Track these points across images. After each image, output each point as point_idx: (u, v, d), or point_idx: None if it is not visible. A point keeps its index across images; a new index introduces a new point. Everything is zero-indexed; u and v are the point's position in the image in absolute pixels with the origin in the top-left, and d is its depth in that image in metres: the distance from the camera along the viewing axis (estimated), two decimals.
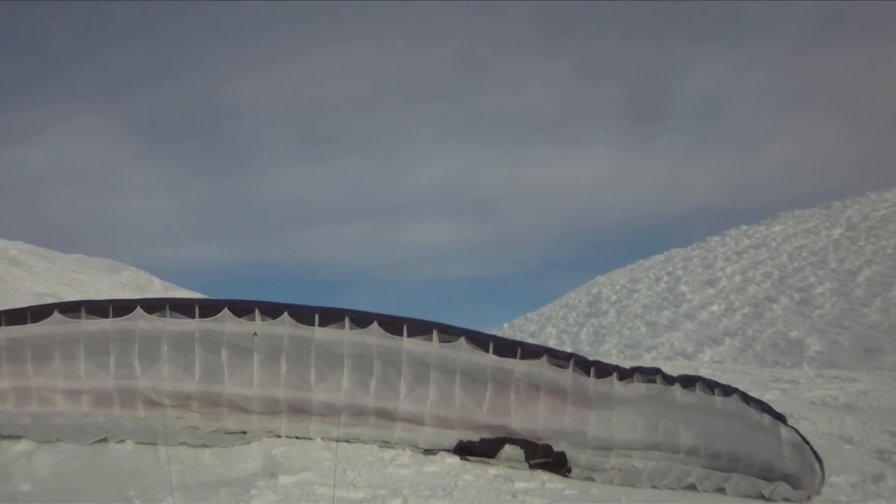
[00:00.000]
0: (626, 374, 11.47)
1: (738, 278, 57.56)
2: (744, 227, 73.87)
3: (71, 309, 11.05)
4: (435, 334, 11.09)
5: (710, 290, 56.72)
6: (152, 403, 10.91)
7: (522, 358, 11.14)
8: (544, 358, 11.18)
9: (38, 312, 10.97)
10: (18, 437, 9.73)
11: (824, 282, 50.32)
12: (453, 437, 11.12)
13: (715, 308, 52.14)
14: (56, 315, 10.89)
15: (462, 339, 11.09)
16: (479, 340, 11.18)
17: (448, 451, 11.02)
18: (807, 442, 11.88)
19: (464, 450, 11.03)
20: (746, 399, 11.90)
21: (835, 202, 71.06)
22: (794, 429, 12.03)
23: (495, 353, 11.12)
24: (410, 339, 11.04)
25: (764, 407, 12.03)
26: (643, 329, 53.38)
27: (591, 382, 11.26)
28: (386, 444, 11.06)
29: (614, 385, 11.34)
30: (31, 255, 39.37)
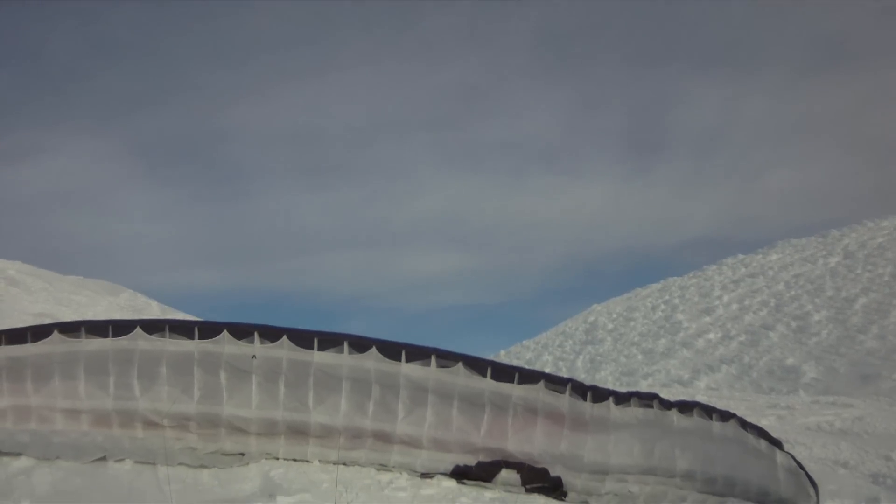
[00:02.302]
0: (623, 399, 11.48)
1: (734, 307, 57.54)
2: (741, 257, 73.93)
3: (71, 329, 11.07)
4: (433, 359, 11.10)
5: (707, 319, 56.69)
6: (151, 424, 10.90)
7: (520, 382, 11.13)
8: (541, 383, 11.18)
9: (39, 332, 11.00)
10: (18, 454, 9.73)
11: (821, 309, 50.31)
12: (450, 460, 11.09)
13: (711, 336, 52.08)
14: (56, 335, 10.91)
15: (460, 364, 11.09)
16: (477, 365, 11.17)
17: (445, 474, 11.01)
18: (802, 467, 12.00)
19: (460, 473, 11.02)
20: (744, 424, 11.96)
21: (832, 231, 71.23)
22: (789, 454, 12.13)
23: (493, 377, 11.11)
24: (409, 364, 11.05)
25: (761, 432, 12.10)
26: (640, 357, 53.29)
27: (587, 407, 11.27)
28: (383, 467, 11.04)
29: (611, 409, 11.35)
30: (30, 276, 39.26)
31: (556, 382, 11.32)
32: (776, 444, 12.14)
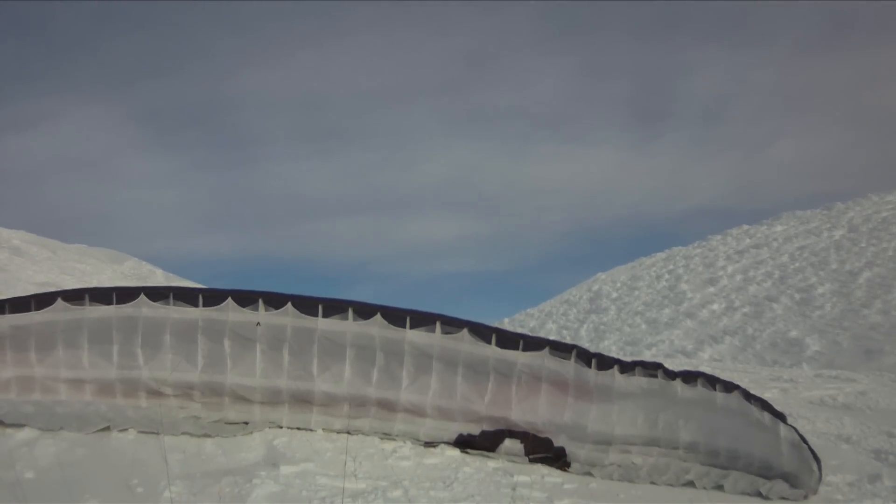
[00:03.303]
0: (627, 368, 11.49)
1: (738, 277, 57.68)
2: (745, 227, 74.02)
3: (74, 296, 11.04)
4: (438, 325, 11.11)
5: (711, 289, 56.85)
6: (155, 393, 10.90)
7: (525, 349, 11.15)
8: (546, 349, 11.20)
9: (42, 300, 10.95)
10: (22, 425, 9.75)
11: (825, 282, 50.44)
12: (454, 429, 11.13)
13: (715, 307, 52.24)
14: (60, 302, 10.87)
15: (465, 331, 11.10)
16: (482, 332, 11.18)
17: (448, 443, 11.03)
18: (805, 441, 11.93)
19: (464, 443, 11.04)
20: (748, 396, 11.93)
21: (836, 203, 71.24)
22: (793, 428, 12.09)
23: (498, 344, 11.12)
24: (413, 331, 11.06)
25: (764, 405, 12.06)
26: (643, 326, 53.51)
27: (592, 374, 11.29)
28: (387, 436, 11.06)
29: (615, 378, 11.37)
30: (34, 245, 39.21)
31: (561, 349, 11.31)
32: (780, 417, 12.09)
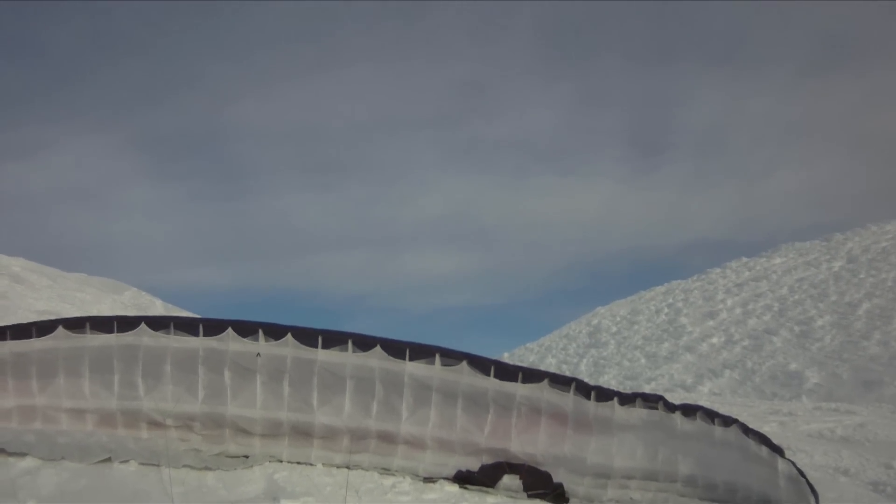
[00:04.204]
0: (628, 399, 11.50)
1: (738, 311, 57.68)
2: (745, 260, 74.06)
3: (75, 324, 11.08)
4: (437, 358, 11.12)
5: (711, 323, 56.84)
6: (156, 424, 10.92)
7: (524, 381, 11.15)
8: (546, 381, 11.20)
9: (43, 327, 10.99)
10: (23, 454, 9.75)
11: (824, 314, 50.43)
12: (453, 464, 11.11)
13: (715, 340, 52.23)
14: (61, 330, 10.91)
15: (464, 363, 11.11)
16: (481, 364, 11.19)
17: (447, 479, 11.00)
18: (803, 475, 11.94)
19: (463, 478, 11.02)
20: (746, 430, 11.95)
21: (836, 234, 71.32)
22: (791, 461, 12.10)
23: (497, 376, 11.13)
24: (413, 363, 11.07)
25: (762, 439, 12.07)
26: (643, 360, 53.45)
27: (591, 406, 11.29)
28: (386, 471, 11.03)
29: (615, 409, 11.37)
30: (34, 273, 39.27)
31: (560, 382, 11.32)
32: (777, 450, 12.09)
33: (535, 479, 11.07)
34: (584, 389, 11.37)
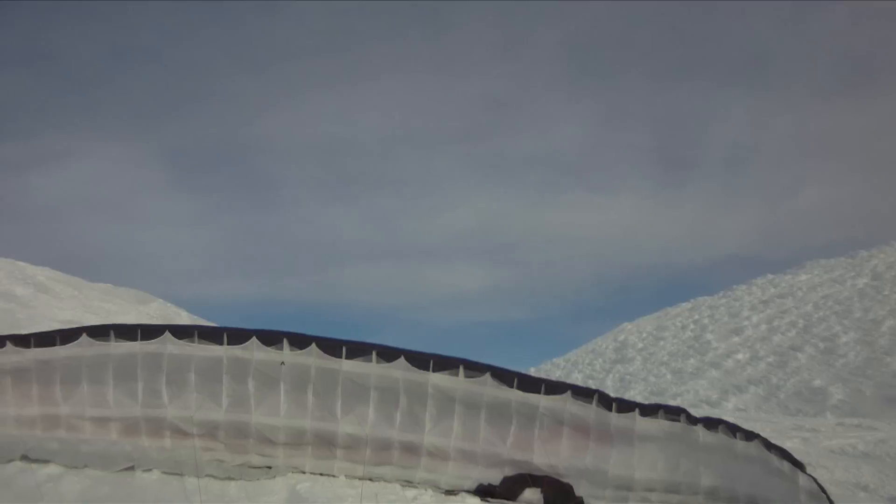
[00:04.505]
0: (649, 411, 11.55)
1: (763, 327, 57.57)
2: (770, 277, 73.78)
3: (99, 332, 11.16)
4: (461, 369, 11.17)
5: (736, 339, 56.77)
6: (180, 432, 10.97)
7: (546, 393, 11.20)
8: (568, 393, 11.26)
9: (67, 335, 11.08)
10: (47, 461, 9.94)
11: (849, 331, 50.27)
12: (475, 477, 11.12)
13: (740, 356, 52.17)
14: (84, 338, 11.00)
15: (488, 375, 11.15)
16: (505, 376, 11.23)
17: (469, 492, 11.03)
18: (824, 491, 12.03)
19: (484, 491, 11.04)
20: (768, 445, 12.00)
21: (860, 251, 70.95)
22: (812, 477, 12.16)
23: (520, 388, 11.19)
24: (437, 374, 11.12)
25: (784, 454, 12.13)
26: (669, 376, 53.51)
27: (613, 417, 11.33)
28: (409, 483, 11.05)
29: (636, 420, 11.41)
30: (59, 283, 39.18)
31: (582, 394, 11.37)
32: (799, 466, 12.15)
33: (556, 492, 11.11)
34: (606, 401, 11.41)
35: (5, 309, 24.87)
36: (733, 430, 11.93)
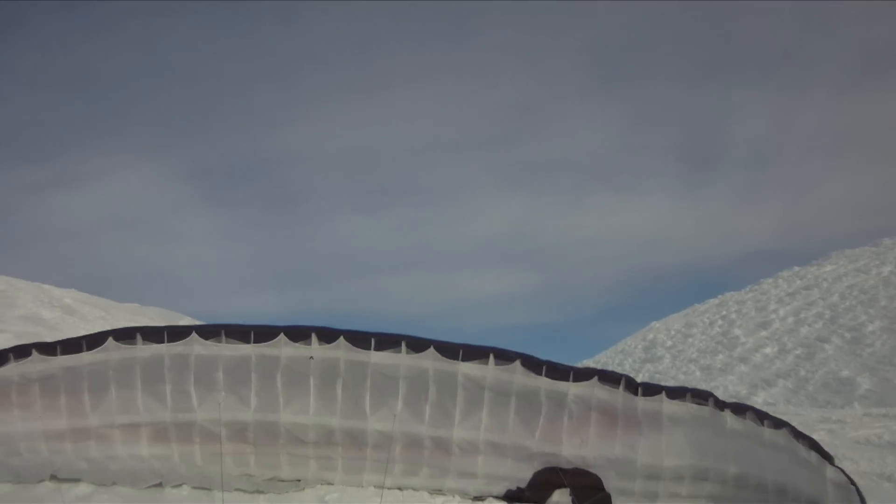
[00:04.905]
0: (677, 394, 11.49)
1: (790, 320, 57.52)
2: (796, 269, 73.55)
3: (126, 335, 11.04)
4: (491, 358, 11.12)
5: (764, 333, 56.75)
6: (209, 436, 10.91)
7: (575, 380, 11.18)
8: (595, 379, 11.25)
9: (93, 340, 10.95)
10: (77, 480, 10.00)
11: (875, 320, 50.19)
12: (504, 476, 11.12)
13: (768, 350, 52.15)
14: (111, 342, 10.89)
15: (517, 362, 11.12)
16: (534, 364, 11.19)
17: (497, 497, 11.05)
18: (853, 482, 11.99)
19: (513, 497, 11.04)
20: (796, 434, 11.92)
21: (884, 240, 70.72)
22: (840, 469, 12.13)
23: (548, 375, 11.16)
24: (467, 363, 11.07)
25: (812, 444, 12.06)
26: (698, 373, 53.53)
27: (639, 402, 11.31)
28: (437, 491, 11.06)
29: (663, 402, 11.37)
30: (86, 304, 39.17)
31: (609, 379, 11.37)
32: (827, 457, 12.10)
33: (584, 484, 11.09)
34: (633, 386, 11.38)
35: (33, 333, 24.51)
36: (761, 417, 11.87)
